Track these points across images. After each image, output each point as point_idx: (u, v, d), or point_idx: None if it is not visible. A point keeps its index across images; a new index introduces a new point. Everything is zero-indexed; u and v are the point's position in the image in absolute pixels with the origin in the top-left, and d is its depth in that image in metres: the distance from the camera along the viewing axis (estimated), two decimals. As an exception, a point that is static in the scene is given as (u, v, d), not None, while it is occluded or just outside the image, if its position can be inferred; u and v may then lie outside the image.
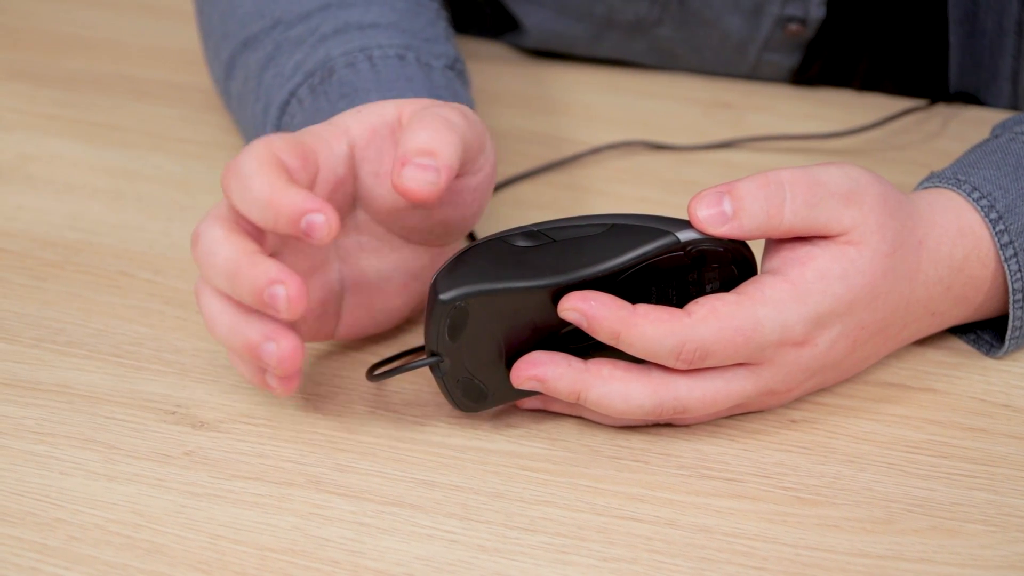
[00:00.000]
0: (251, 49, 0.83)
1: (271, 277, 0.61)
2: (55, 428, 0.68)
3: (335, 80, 0.78)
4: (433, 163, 0.63)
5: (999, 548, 0.63)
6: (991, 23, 0.89)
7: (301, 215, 0.62)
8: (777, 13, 0.92)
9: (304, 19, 0.82)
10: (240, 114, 0.85)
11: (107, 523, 0.63)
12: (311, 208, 0.61)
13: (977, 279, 0.70)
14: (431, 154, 0.64)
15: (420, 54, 0.80)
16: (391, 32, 0.80)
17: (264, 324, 0.63)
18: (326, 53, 0.79)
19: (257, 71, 0.82)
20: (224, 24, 0.86)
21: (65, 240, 0.82)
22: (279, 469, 0.66)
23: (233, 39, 0.85)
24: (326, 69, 0.78)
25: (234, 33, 0.85)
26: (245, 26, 0.84)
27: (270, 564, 0.62)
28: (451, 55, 0.81)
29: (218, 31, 0.87)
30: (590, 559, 0.62)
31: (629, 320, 0.63)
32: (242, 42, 0.84)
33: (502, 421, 0.69)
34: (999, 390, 0.71)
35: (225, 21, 0.86)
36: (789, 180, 0.64)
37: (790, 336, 0.65)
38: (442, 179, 0.63)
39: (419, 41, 0.80)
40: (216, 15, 0.87)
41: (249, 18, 0.84)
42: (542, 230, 0.66)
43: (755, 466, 0.67)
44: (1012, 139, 0.72)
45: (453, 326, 0.64)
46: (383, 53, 0.78)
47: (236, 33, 0.85)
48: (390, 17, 0.81)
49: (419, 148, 0.64)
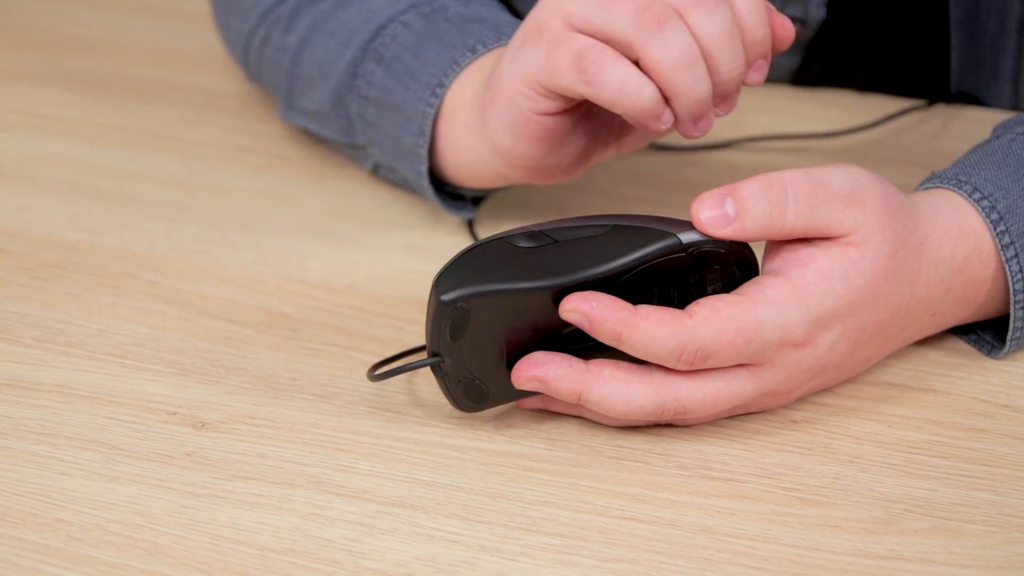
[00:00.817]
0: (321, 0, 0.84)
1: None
2: (56, 428, 0.68)
3: (453, 11, 0.80)
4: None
5: (1000, 548, 0.63)
6: (993, 23, 0.89)
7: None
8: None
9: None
10: (295, 63, 0.85)
11: (108, 523, 0.63)
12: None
13: (978, 280, 0.70)
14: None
15: None
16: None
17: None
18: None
19: (330, 11, 0.83)
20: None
21: (66, 240, 0.82)
22: (280, 469, 0.66)
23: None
24: (438, 4, 0.80)
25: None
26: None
27: (271, 564, 0.62)
28: None
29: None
30: (591, 559, 0.62)
31: (630, 321, 0.63)
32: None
33: (503, 422, 0.69)
34: (1000, 391, 0.71)
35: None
36: (791, 181, 0.64)
37: (791, 337, 0.65)
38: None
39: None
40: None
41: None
42: (544, 231, 0.66)
43: (756, 466, 0.67)
44: (1013, 139, 0.72)
45: (454, 326, 0.64)
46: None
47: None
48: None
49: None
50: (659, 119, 0.69)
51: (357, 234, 0.83)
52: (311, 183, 0.88)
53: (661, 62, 0.67)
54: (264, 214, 0.85)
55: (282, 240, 0.83)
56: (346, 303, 0.78)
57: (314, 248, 0.82)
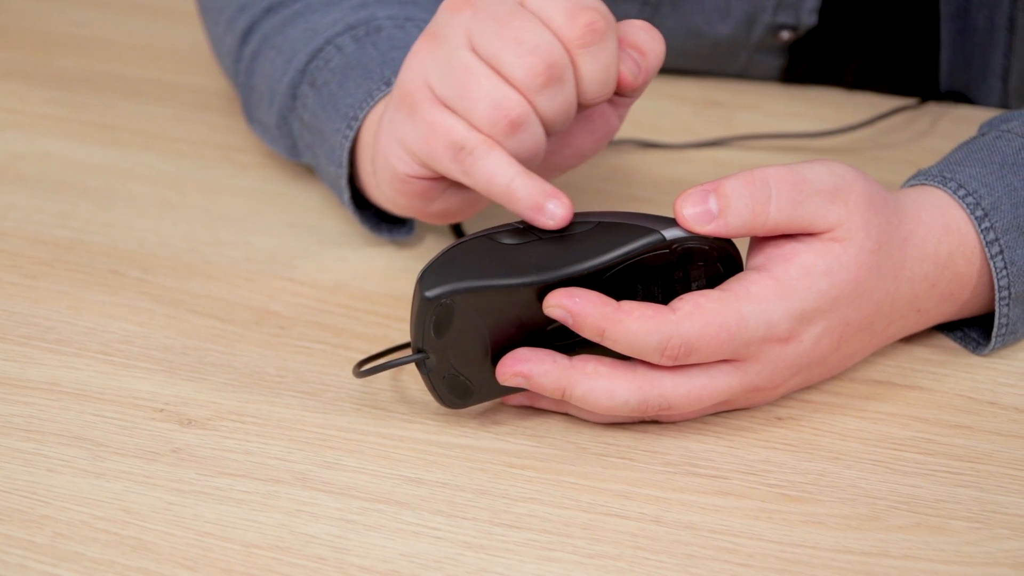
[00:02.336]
0: (274, 13, 0.84)
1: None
2: (43, 425, 0.69)
3: (384, 36, 0.79)
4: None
5: (984, 545, 0.63)
6: (982, 19, 0.89)
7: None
8: (769, 21, 0.93)
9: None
10: (249, 75, 0.85)
11: (94, 520, 0.64)
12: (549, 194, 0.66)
13: (963, 276, 0.70)
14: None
15: None
16: (432, 9, 0.81)
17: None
18: (370, 14, 0.80)
19: (280, 27, 0.83)
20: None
21: (56, 238, 0.82)
22: (266, 466, 0.66)
23: (255, 7, 0.85)
24: (372, 26, 0.80)
25: (256, 2, 0.85)
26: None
27: (256, 561, 0.62)
28: None
29: (234, 3, 0.87)
30: (575, 556, 0.62)
31: (614, 316, 0.63)
32: (265, 8, 0.84)
33: (489, 418, 0.69)
34: (985, 387, 0.71)
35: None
36: (774, 178, 0.65)
37: (775, 332, 0.65)
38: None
39: None
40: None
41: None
42: (528, 227, 0.66)
43: (741, 463, 0.67)
44: (998, 137, 0.72)
45: (439, 323, 0.64)
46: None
47: (258, 2, 0.85)
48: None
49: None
50: (542, 211, 0.66)
51: (345, 232, 0.83)
52: (300, 182, 0.88)
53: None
54: (253, 212, 0.85)
55: (270, 238, 0.83)
56: (333, 301, 0.78)
57: (302, 246, 0.82)
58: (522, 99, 0.65)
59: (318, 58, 0.80)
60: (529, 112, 0.65)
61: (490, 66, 0.65)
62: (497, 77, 0.64)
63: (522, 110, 0.65)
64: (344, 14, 0.81)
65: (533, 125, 0.65)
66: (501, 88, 0.64)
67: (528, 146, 0.66)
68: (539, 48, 0.64)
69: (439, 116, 0.66)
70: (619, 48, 0.66)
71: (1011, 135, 0.72)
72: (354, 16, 0.81)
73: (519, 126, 0.65)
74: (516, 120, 0.65)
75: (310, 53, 0.80)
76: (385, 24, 0.80)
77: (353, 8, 0.82)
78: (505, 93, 0.64)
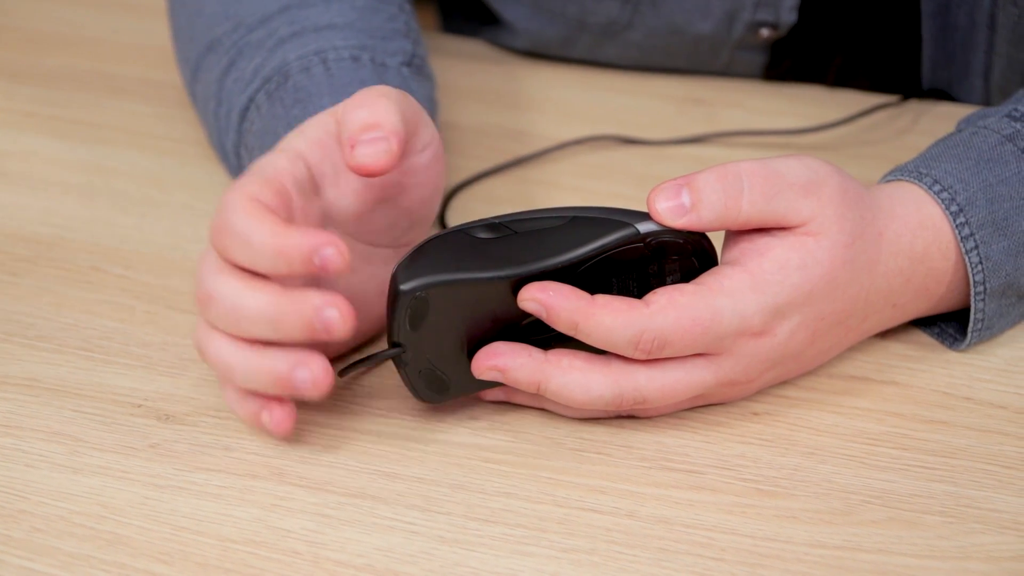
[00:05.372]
0: (214, 52, 0.83)
1: (318, 303, 0.62)
2: (22, 421, 0.69)
3: (290, 86, 0.78)
4: (380, 133, 0.64)
5: (956, 539, 0.63)
6: (963, 17, 0.89)
7: (312, 252, 0.61)
8: (749, 19, 0.93)
9: (264, 22, 0.82)
10: (205, 117, 0.85)
11: (71, 515, 0.64)
12: (319, 243, 0.61)
13: (938, 271, 0.70)
14: (375, 126, 0.64)
15: (375, 54, 0.80)
16: (347, 32, 0.80)
17: (288, 353, 0.63)
18: (283, 58, 0.79)
19: (219, 76, 0.82)
20: (191, 26, 0.86)
21: (38, 236, 0.82)
22: (243, 461, 0.67)
23: (199, 42, 0.85)
24: (282, 74, 0.78)
25: (200, 36, 0.85)
26: (210, 28, 0.84)
27: (231, 555, 0.62)
28: (408, 51, 0.81)
29: (185, 33, 0.87)
30: (549, 550, 0.62)
31: (587, 310, 0.63)
32: (206, 45, 0.84)
33: (465, 414, 0.69)
34: (962, 383, 0.71)
35: (192, 23, 0.86)
36: (747, 172, 0.65)
37: (748, 326, 0.65)
38: (394, 145, 0.64)
39: (375, 40, 0.81)
40: (184, 16, 0.87)
41: (214, 20, 0.84)
42: (503, 222, 0.66)
43: (716, 458, 0.67)
44: (975, 133, 0.73)
45: (414, 316, 0.65)
46: (337, 55, 0.78)
47: (201, 36, 0.85)
48: (348, 16, 0.81)
49: (362, 125, 0.64)
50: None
51: (326, 229, 0.83)
52: (283, 179, 0.88)
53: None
54: (235, 209, 0.85)
55: (252, 235, 0.83)
56: (314, 297, 0.78)
57: (283, 243, 0.82)
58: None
59: (246, 119, 0.79)
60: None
61: None
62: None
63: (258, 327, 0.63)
64: (265, 57, 0.80)
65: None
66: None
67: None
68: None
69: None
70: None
71: (987, 131, 0.72)
72: (271, 62, 0.80)
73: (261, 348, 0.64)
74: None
75: (240, 113, 0.80)
76: (293, 68, 0.78)
77: (274, 46, 0.80)
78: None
